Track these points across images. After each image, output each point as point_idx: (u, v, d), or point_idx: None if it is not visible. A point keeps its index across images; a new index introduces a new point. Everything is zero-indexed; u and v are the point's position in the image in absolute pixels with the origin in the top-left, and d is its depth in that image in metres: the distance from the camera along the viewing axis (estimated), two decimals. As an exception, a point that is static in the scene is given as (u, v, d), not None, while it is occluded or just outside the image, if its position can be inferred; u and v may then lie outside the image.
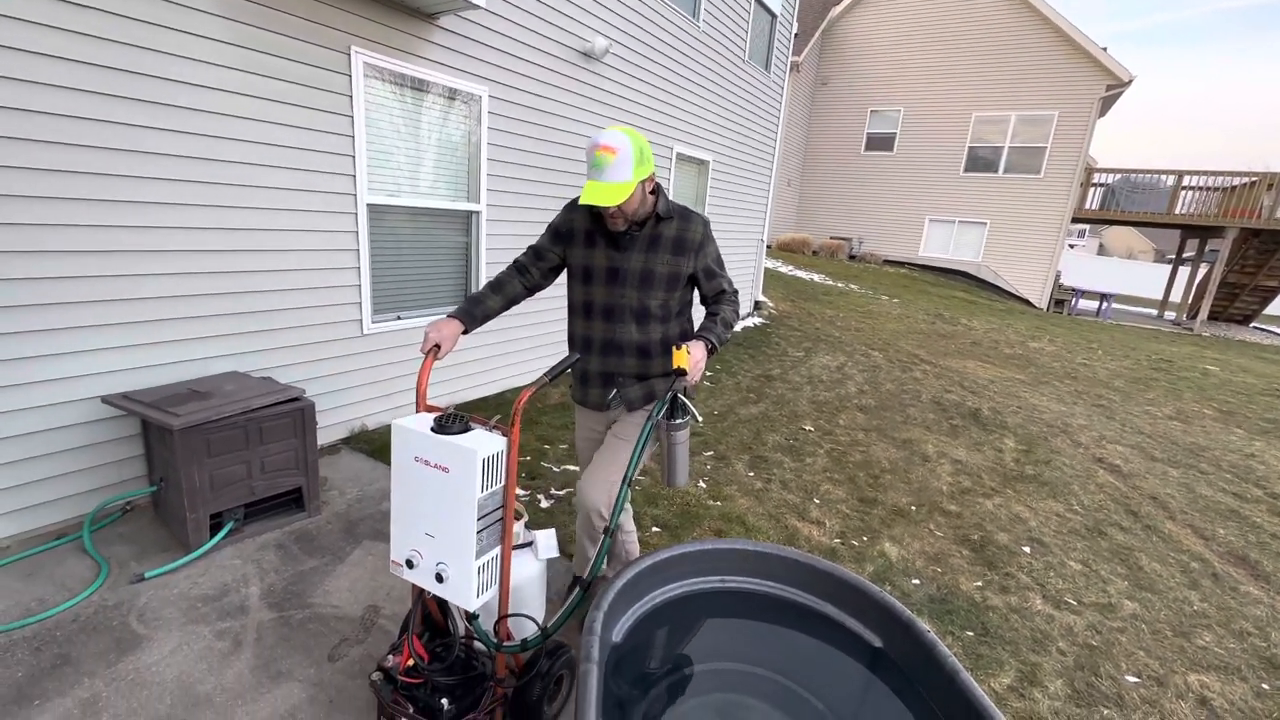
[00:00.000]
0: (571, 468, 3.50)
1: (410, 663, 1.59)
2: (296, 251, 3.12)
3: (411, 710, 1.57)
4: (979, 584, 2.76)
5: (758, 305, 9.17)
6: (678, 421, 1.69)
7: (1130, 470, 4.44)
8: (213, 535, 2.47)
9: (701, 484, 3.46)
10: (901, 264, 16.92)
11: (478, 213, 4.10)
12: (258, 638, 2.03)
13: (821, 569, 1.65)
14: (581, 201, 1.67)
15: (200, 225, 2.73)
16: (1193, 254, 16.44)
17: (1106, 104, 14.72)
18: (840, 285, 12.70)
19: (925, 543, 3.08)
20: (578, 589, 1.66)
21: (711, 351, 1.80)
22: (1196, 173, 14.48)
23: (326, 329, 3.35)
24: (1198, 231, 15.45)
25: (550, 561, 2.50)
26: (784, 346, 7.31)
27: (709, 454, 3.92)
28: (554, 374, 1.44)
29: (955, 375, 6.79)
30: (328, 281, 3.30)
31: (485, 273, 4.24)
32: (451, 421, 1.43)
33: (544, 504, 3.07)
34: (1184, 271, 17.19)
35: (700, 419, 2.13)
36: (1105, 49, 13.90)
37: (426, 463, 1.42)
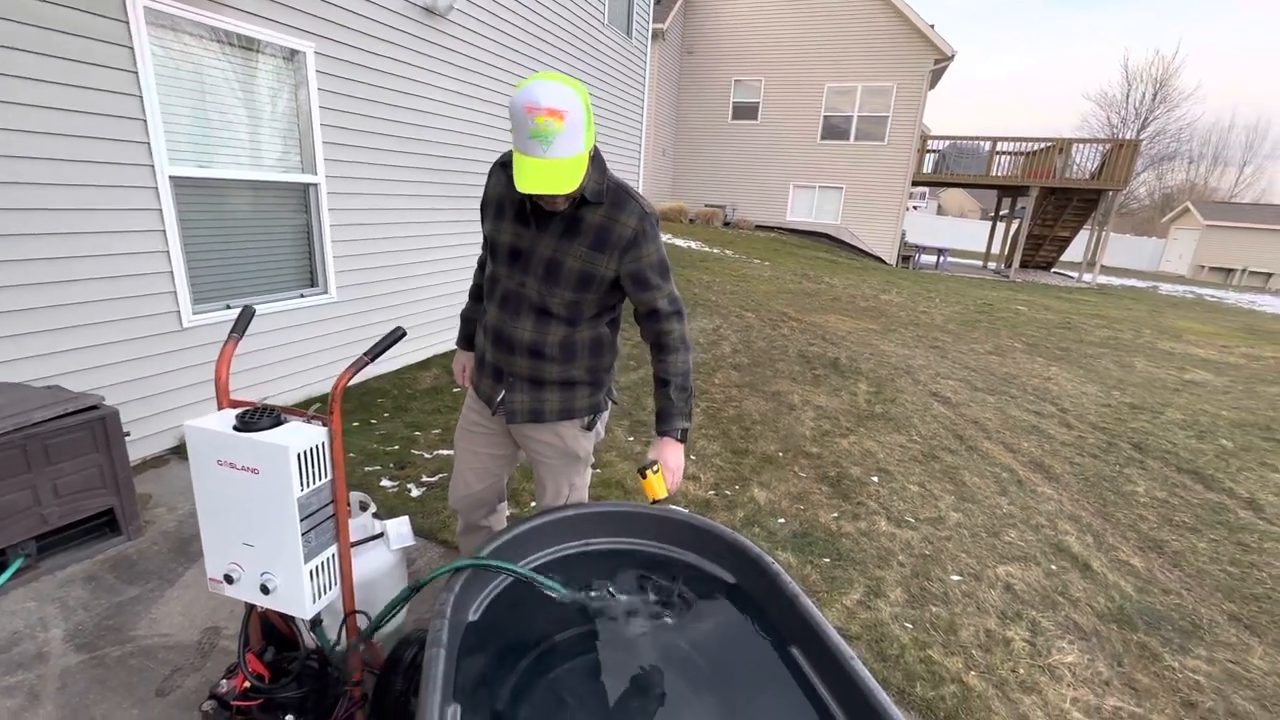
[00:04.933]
0: (445, 452, 3.35)
1: (246, 685, 1.45)
2: (79, 235, 2.64)
3: (254, 733, 1.44)
4: (835, 515, 3.04)
5: (638, 274, 9.27)
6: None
7: (958, 400, 5.10)
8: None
9: (581, 454, 3.47)
10: (771, 229, 17.88)
11: (316, 185, 3.70)
12: (62, 686, 1.75)
13: (678, 520, 1.71)
14: (521, 189, 1.23)
15: (-71, 206, 2.20)
16: (1007, 211, 18.95)
17: (936, 76, 16.32)
18: (716, 251, 13.18)
19: (790, 484, 3.33)
20: (406, 588, 1.53)
21: (683, 439, 1.60)
22: (1007, 139, 16.59)
23: (132, 324, 2.89)
24: (1010, 191, 17.78)
25: (416, 551, 2.40)
26: (663, 313, 7.47)
27: (589, 424, 3.93)
28: (375, 353, 1.34)
29: (818, 329, 7.34)
30: (126, 269, 2.83)
31: (331, 250, 3.86)
32: (258, 416, 1.28)
33: (415, 492, 2.92)
34: (1001, 227, 19.78)
35: None
36: (932, 26, 15.33)
37: (232, 465, 1.26)
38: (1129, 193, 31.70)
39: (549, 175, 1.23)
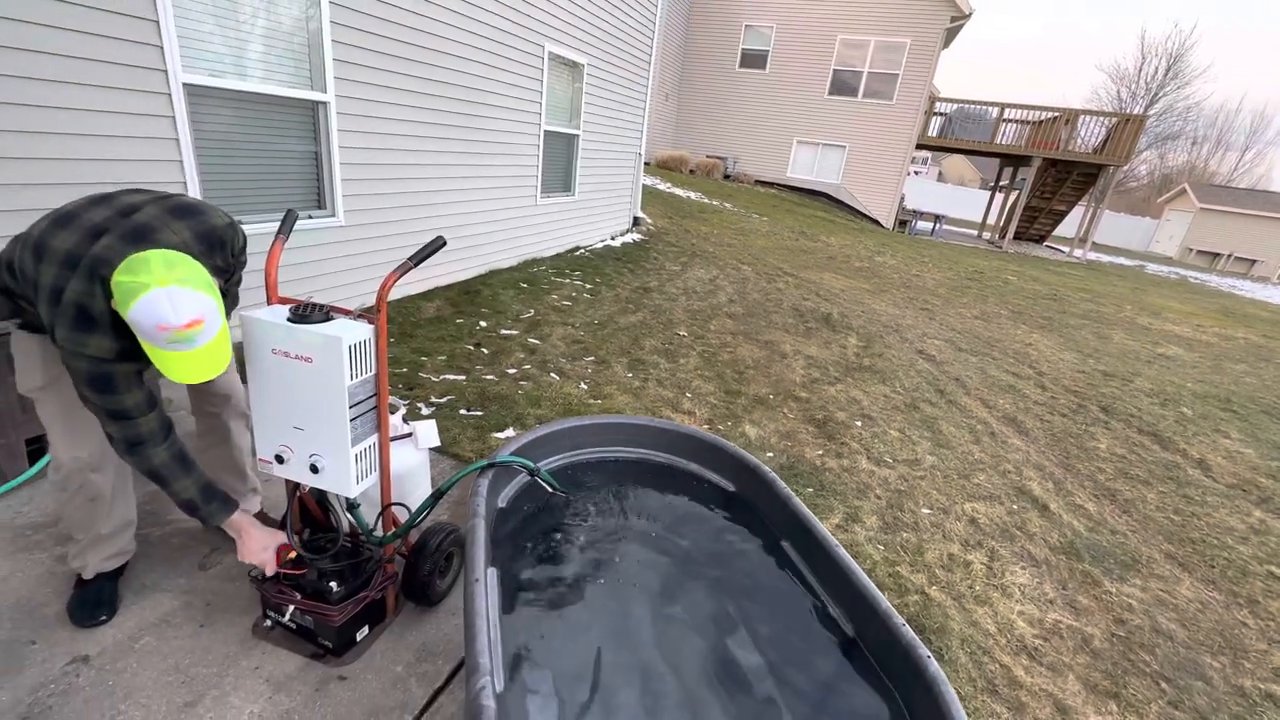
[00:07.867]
0: (451, 376, 3.48)
1: (292, 555, 1.61)
2: (92, 137, 2.63)
3: (299, 598, 1.61)
4: (820, 452, 3.25)
5: (636, 221, 9.24)
6: None
7: (942, 359, 5.30)
8: (32, 464, 2.19)
9: (583, 385, 3.62)
10: (771, 184, 17.69)
11: (325, 103, 3.66)
12: (110, 558, 1.90)
13: (685, 433, 1.87)
14: (182, 380, 1.23)
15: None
16: (1007, 182, 18.89)
17: (950, 35, 15.90)
18: (715, 204, 13.08)
19: (779, 424, 3.53)
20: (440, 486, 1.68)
21: None
22: (1014, 106, 16.38)
23: (147, 234, 2.91)
24: (1012, 160, 17.69)
25: (437, 454, 2.56)
26: (662, 261, 7.53)
27: (590, 359, 4.07)
28: (419, 258, 1.44)
29: (813, 286, 7.46)
30: (143, 176, 2.83)
31: (340, 173, 3.85)
32: (310, 311, 1.38)
33: (424, 411, 3.06)
34: (1000, 197, 19.76)
35: None
36: (952, -21, 14.82)
37: (286, 354, 1.38)
38: (1129, 171, 31.61)
39: (204, 363, 1.23)
